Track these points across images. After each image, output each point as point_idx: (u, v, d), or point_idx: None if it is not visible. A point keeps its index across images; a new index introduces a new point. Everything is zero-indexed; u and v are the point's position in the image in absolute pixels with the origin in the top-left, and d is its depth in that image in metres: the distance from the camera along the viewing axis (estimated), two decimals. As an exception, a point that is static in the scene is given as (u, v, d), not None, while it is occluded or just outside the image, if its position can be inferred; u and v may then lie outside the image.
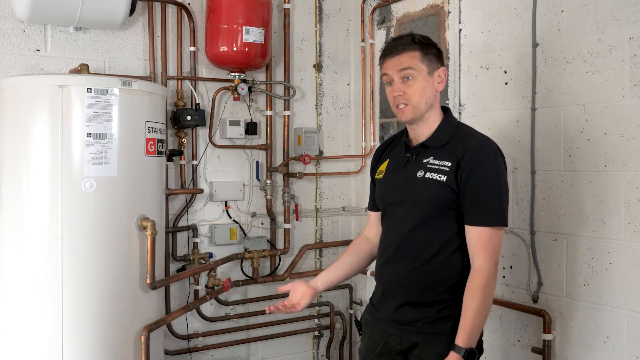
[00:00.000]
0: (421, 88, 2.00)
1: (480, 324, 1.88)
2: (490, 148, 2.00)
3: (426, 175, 1.98)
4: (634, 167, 2.39)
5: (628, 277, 2.43)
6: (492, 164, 1.95)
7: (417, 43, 2.01)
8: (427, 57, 2.00)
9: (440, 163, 1.97)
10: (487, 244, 1.89)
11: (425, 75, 2.00)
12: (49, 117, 2.52)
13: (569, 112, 2.62)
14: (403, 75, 2.00)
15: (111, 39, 3.12)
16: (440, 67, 2.04)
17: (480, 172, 1.92)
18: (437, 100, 2.07)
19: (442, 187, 1.94)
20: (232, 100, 3.45)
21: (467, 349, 1.84)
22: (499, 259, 1.94)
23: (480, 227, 1.90)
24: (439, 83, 2.04)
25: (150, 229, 2.64)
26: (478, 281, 1.87)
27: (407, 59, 1.99)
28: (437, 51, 2.06)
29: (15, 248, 2.57)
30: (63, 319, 2.52)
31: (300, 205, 3.71)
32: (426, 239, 1.99)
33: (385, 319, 2.08)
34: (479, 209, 1.91)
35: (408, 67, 1.99)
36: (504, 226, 1.95)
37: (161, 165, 2.89)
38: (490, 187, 1.92)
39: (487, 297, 1.87)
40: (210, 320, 3.42)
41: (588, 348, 2.58)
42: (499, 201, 1.93)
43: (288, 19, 3.61)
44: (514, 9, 2.85)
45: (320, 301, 3.79)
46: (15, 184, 2.57)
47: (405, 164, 2.06)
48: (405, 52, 1.99)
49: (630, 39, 2.39)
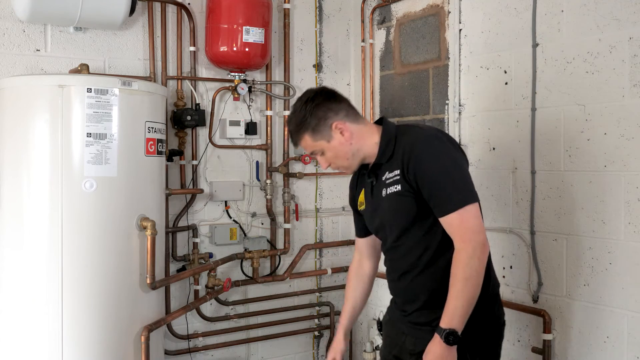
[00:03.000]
0: (334, 155, 2.04)
1: (464, 306, 1.84)
2: (424, 137, 1.96)
3: (388, 191, 2.00)
4: (634, 167, 2.39)
5: (628, 277, 2.43)
6: (431, 152, 1.92)
7: (301, 128, 2.01)
8: (316, 131, 2.00)
9: (393, 174, 1.98)
10: (460, 227, 1.88)
11: (327, 145, 2.01)
12: (49, 117, 2.52)
13: (569, 112, 2.62)
14: (315, 155, 2.07)
15: (111, 39, 3.12)
16: (333, 123, 1.99)
17: (422, 166, 1.91)
18: (356, 140, 2.02)
19: (401, 197, 1.95)
20: (232, 100, 3.45)
21: (447, 330, 1.83)
22: (480, 237, 1.87)
23: (447, 216, 1.89)
24: (343, 135, 2.00)
25: (150, 229, 2.64)
26: (457, 263, 1.86)
27: (305, 145, 2.05)
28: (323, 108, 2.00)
29: (15, 248, 2.57)
30: (63, 319, 2.52)
31: (300, 205, 3.71)
32: (418, 247, 2.00)
33: (402, 319, 2.11)
34: (438, 200, 1.90)
35: (311, 151, 2.05)
36: (471, 203, 1.89)
37: (161, 165, 2.89)
38: (438, 175, 1.90)
39: (467, 278, 1.84)
40: (210, 320, 3.42)
41: (588, 348, 2.58)
42: (451, 183, 1.90)
43: (288, 19, 3.61)
44: (514, 9, 2.85)
45: (320, 301, 3.80)
46: (15, 184, 2.58)
47: (372, 188, 2.09)
48: (300, 142, 2.04)
49: (630, 39, 2.39)
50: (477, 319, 1.92)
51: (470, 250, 1.85)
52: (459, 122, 3.14)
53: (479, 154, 3.03)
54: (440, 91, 3.25)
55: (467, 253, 1.85)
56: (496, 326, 2.08)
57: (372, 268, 2.36)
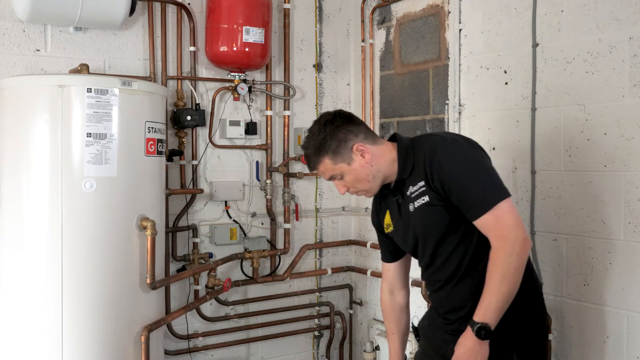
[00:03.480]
0: (355, 178, 1.99)
1: (499, 301, 1.80)
2: (443, 143, 1.94)
3: (416, 205, 1.96)
4: (634, 167, 2.39)
5: (628, 277, 2.43)
6: (451, 156, 1.90)
7: (321, 151, 1.96)
8: (337, 154, 1.96)
9: (418, 187, 1.95)
10: (496, 226, 1.83)
11: (348, 168, 1.97)
12: (49, 117, 2.52)
13: (569, 112, 2.62)
14: (334, 179, 2.02)
15: (111, 39, 3.12)
16: (354, 145, 1.96)
17: (446, 171, 1.87)
18: (377, 161, 1.99)
19: (431, 207, 1.92)
20: (232, 100, 3.45)
21: (479, 323, 1.80)
22: (517, 230, 1.81)
23: (480, 218, 1.85)
24: (364, 157, 1.97)
25: (150, 229, 2.64)
26: (494, 260, 1.82)
27: (324, 169, 2.00)
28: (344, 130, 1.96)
29: (15, 248, 2.57)
30: (63, 319, 2.52)
31: (300, 205, 3.71)
32: (455, 256, 1.96)
33: (444, 327, 2.06)
34: (469, 203, 1.86)
35: (331, 175, 2.00)
36: (503, 199, 1.84)
37: (161, 165, 2.89)
38: (464, 178, 1.87)
39: (505, 275, 1.79)
40: (210, 320, 3.42)
41: (588, 348, 2.58)
42: (480, 183, 1.87)
43: (288, 19, 3.61)
44: (514, 9, 2.85)
45: (320, 301, 3.80)
46: (15, 184, 2.58)
47: (399, 207, 2.05)
48: (319, 166, 1.99)
49: (630, 39, 2.39)
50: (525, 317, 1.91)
51: (509, 247, 1.80)
52: (459, 122, 3.14)
53: (479, 154, 3.03)
54: (440, 91, 3.25)
55: (505, 250, 1.80)
56: (542, 326, 2.02)
57: (406, 296, 2.28)
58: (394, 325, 2.29)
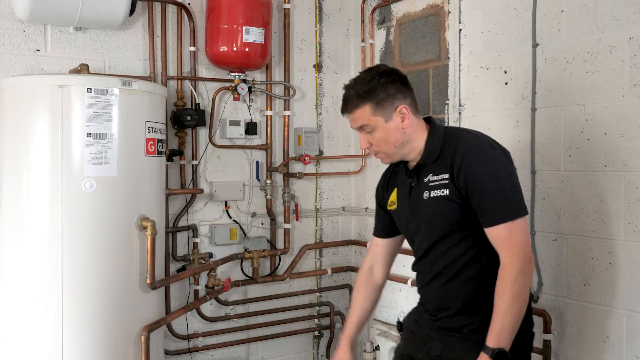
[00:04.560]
0: (384, 138, 1.95)
1: (512, 323, 1.79)
2: (479, 144, 1.92)
3: (431, 194, 1.93)
4: (634, 167, 2.39)
5: (628, 277, 2.43)
6: (484, 160, 1.88)
7: (366, 96, 1.91)
8: (380, 106, 1.91)
9: (439, 177, 1.92)
10: (508, 240, 1.82)
11: (383, 124, 1.93)
12: (49, 117, 2.52)
13: (569, 112, 2.62)
14: (362, 130, 1.96)
15: (111, 39, 3.12)
16: (400, 106, 1.93)
17: (476, 173, 1.85)
18: (411, 130, 1.96)
19: (448, 202, 1.89)
20: (232, 100, 3.45)
21: (495, 349, 1.78)
22: (527, 251, 1.83)
23: (495, 226, 1.84)
24: (403, 121, 1.94)
25: (150, 229, 2.64)
26: (505, 279, 1.80)
27: (360, 116, 1.93)
28: (396, 87, 1.93)
29: (15, 248, 2.57)
30: (63, 319, 2.53)
31: (300, 205, 3.71)
32: (451, 253, 1.94)
33: (430, 324, 2.05)
34: (488, 209, 1.85)
35: (363, 124, 1.94)
36: (521, 216, 1.85)
37: (161, 165, 2.89)
38: (491, 184, 1.85)
39: (516, 295, 1.78)
40: (210, 320, 3.42)
41: (588, 348, 2.58)
42: (504, 194, 1.86)
43: (288, 19, 3.61)
44: (514, 9, 2.85)
45: (320, 301, 3.80)
46: (15, 184, 2.58)
47: (411, 189, 2.02)
48: (356, 110, 1.93)
49: (630, 39, 2.39)
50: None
51: (518, 266, 1.80)
52: (459, 122, 3.14)
53: (479, 154, 3.03)
54: (440, 91, 3.25)
55: (515, 268, 1.79)
56: (526, 337, 2.01)
57: (384, 276, 2.24)
58: (360, 299, 2.22)
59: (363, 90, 1.92)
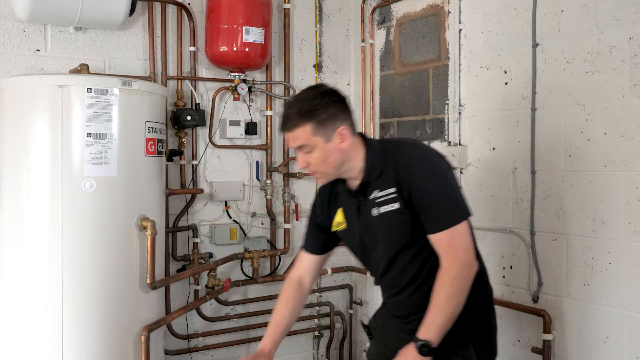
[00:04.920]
0: (323, 158, 1.91)
1: (443, 321, 1.84)
2: (419, 155, 1.94)
3: (381, 210, 1.94)
4: (634, 167, 2.39)
5: (628, 277, 2.43)
6: (426, 169, 1.90)
7: (308, 115, 1.87)
8: (321, 126, 1.88)
9: (386, 193, 1.93)
10: (448, 246, 1.87)
11: (322, 145, 1.89)
12: (49, 117, 2.52)
13: (569, 112, 2.62)
14: (301, 150, 1.92)
15: (111, 39, 3.13)
16: (340, 127, 1.89)
17: (417, 182, 1.88)
18: (349, 151, 1.93)
19: (400, 215, 1.91)
20: (232, 100, 3.46)
21: (422, 341, 1.83)
22: (467, 256, 1.87)
23: (437, 234, 1.88)
24: (342, 142, 1.91)
25: (150, 229, 2.64)
26: (441, 281, 1.86)
27: (300, 135, 1.89)
28: (337, 107, 1.91)
29: (15, 248, 2.57)
30: (63, 319, 2.53)
31: (300, 205, 3.71)
32: (415, 262, 1.97)
33: (399, 327, 2.07)
34: (430, 217, 1.88)
35: (302, 144, 1.90)
36: (462, 220, 1.88)
37: (161, 165, 2.89)
38: (433, 192, 1.88)
39: (450, 297, 1.84)
40: (210, 320, 3.42)
41: (588, 348, 2.58)
42: (444, 201, 1.89)
43: (288, 19, 3.61)
44: (514, 9, 2.85)
45: (320, 301, 3.79)
46: (15, 183, 2.58)
47: (359, 208, 2.01)
48: (296, 129, 1.88)
49: (630, 39, 2.39)
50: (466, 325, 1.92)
51: (456, 270, 1.85)
52: (459, 122, 3.14)
53: (479, 154, 3.03)
54: (440, 91, 3.25)
55: (453, 272, 1.84)
56: (483, 335, 2.03)
57: (311, 288, 2.23)
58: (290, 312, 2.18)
59: (305, 110, 1.88)
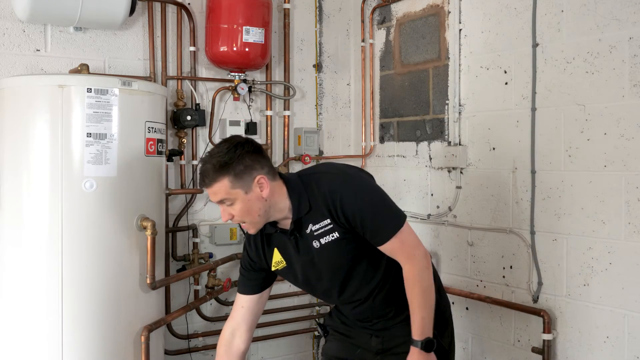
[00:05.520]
0: (246, 209, 1.90)
1: (429, 313, 1.94)
2: (339, 180, 1.96)
3: (322, 242, 1.97)
4: (634, 167, 2.40)
5: (628, 277, 2.43)
6: (350, 191, 1.93)
7: (223, 169, 1.86)
8: (238, 178, 1.87)
9: (322, 225, 1.96)
10: (401, 249, 1.95)
11: (243, 196, 1.88)
12: (49, 117, 2.52)
13: (569, 112, 2.62)
14: (223, 203, 1.91)
15: (111, 39, 3.12)
16: (257, 176, 1.89)
17: (350, 209, 1.90)
18: (271, 196, 1.93)
19: (342, 241, 1.95)
20: (232, 100, 3.45)
21: (423, 340, 1.91)
22: (421, 248, 1.97)
23: (387, 243, 1.94)
24: (262, 191, 1.90)
25: (150, 229, 2.64)
26: (411, 281, 1.94)
27: (219, 190, 1.88)
28: (252, 157, 1.89)
29: (15, 248, 2.57)
30: (63, 319, 2.52)
31: (300, 205, 3.70)
32: (367, 276, 2.02)
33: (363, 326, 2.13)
34: (375, 232, 1.93)
35: (223, 198, 1.89)
36: (404, 223, 1.96)
37: (161, 165, 2.89)
38: (366, 210, 1.91)
39: (425, 289, 1.94)
40: (210, 320, 3.42)
41: (588, 348, 2.58)
42: (382, 213, 1.94)
43: (288, 19, 3.61)
44: (514, 9, 2.85)
45: (320, 301, 3.79)
46: (15, 183, 2.57)
47: (297, 244, 2.02)
48: (214, 184, 1.87)
49: (630, 39, 2.40)
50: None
51: (418, 266, 1.94)
52: (459, 122, 3.14)
53: (479, 154, 3.03)
54: (440, 91, 3.25)
55: (417, 268, 1.94)
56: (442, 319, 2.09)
57: (247, 342, 2.19)
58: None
59: (220, 164, 1.86)
